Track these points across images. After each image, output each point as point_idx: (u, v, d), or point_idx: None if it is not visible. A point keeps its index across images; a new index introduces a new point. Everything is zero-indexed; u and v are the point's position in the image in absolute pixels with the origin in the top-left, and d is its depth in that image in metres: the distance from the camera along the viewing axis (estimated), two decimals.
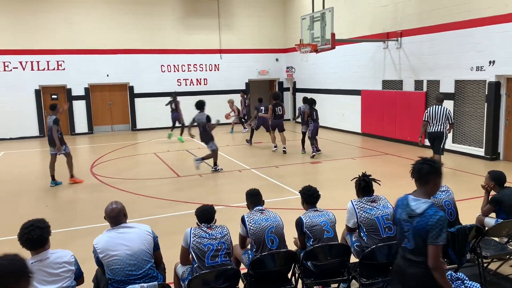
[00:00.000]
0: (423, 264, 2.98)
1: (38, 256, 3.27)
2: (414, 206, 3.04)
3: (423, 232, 2.95)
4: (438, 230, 2.90)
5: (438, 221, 2.91)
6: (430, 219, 2.92)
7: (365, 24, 15.07)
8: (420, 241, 2.98)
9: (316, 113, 12.18)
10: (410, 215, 3.04)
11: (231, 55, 20.28)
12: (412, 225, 3.01)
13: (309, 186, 4.44)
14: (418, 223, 2.97)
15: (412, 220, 3.01)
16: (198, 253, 3.76)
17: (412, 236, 3.02)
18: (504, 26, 10.25)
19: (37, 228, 3.30)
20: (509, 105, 10.71)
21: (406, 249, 3.10)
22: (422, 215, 2.96)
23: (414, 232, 3.00)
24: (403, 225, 3.10)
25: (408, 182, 5.29)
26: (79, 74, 18.08)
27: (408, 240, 3.06)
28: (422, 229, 2.95)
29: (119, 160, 12.73)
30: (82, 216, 7.64)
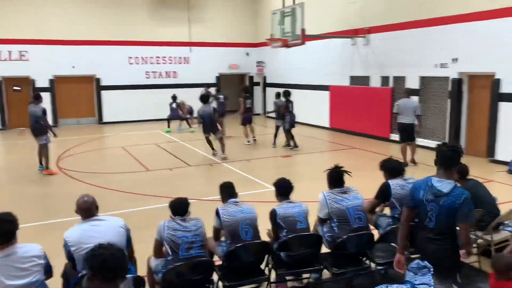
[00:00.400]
0: (441, 241, 3.26)
1: (4, 251, 3.19)
2: (440, 187, 3.26)
3: (451, 210, 3.19)
4: (467, 209, 3.19)
5: (466, 200, 3.18)
6: (458, 198, 3.18)
7: (334, 20, 15.29)
8: (444, 219, 3.22)
9: (292, 104, 12.34)
10: (436, 195, 3.25)
11: (201, 48, 20.11)
12: (438, 204, 3.23)
13: (283, 178, 4.52)
14: (445, 202, 3.21)
15: (439, 199, 3.23)
16: (172, 245, 3.76)
17: (436, 215, 3.25)
18: (466, 25, 10.63)
19: (5, 222, 3.22)
20: (470, 101, 11.14)
21: (427, 228, 3.33)
22: (449, 194, 3.21)
23: (440, 211, 3.23)
24: (426, 206, 3.30)
25: (375, 174, 5.47)
26: (44, 65, 17.49)
27: (430, 219, 3.29)
28: (449, 207, 3.19)
29: (86, 153, 12.46)
30: (48, 211, 7.46)
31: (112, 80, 18.71)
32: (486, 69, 10.35)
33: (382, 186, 4.75)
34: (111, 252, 2.50)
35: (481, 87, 10.79)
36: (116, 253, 2.51)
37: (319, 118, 16.66)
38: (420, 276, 3.97)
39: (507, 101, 9.94)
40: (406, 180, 4.74)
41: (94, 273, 2.48)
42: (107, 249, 2.51)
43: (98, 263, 2.46)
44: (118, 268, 2.49)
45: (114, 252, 2.51)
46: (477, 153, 10.90)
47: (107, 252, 2.49)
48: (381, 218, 4.84)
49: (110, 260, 2.46)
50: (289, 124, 12.26)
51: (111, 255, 2.48)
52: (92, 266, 2.48)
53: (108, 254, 2.48)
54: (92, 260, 2.48)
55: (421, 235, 3.41)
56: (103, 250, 2.51)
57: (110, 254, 2.49)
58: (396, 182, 4.69)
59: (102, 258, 2.46)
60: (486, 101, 10.56)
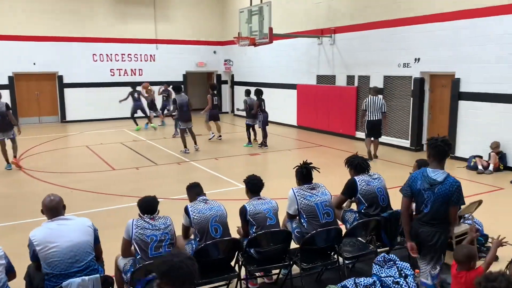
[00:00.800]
0: (434, 225, 3.68)
1: None
2: (435, 176, 3.66)
3: (445, 197, 3.61)
4: (458, 194, 3.63)
5: (458, 188, 3.64)
6: (451, 186, 3.61)
7: (301, 20, 15.44)
8: (438, 205, 3.63)
9: (264, 103, 12.42)
10: (431, 184, 3.65)
11: (168, 45, 19.85)
12: (434, 192, 3.63)
13: (254, 175, 4.54)
14: (440, 190, 3.62)
15: (434, 187, 3.64)
16: (141, 244, 3.71)
17: (432, 201, 3.65)
18: (428, 26, 10.98)
19: None
20: (432, 99, 11.52)
21: (421, 213, 3.72)
22: (443, 183, 3.63)
23: (435, 198, 3.63)
24: (423, 194, 3.69)
25: (341, 171, 5.58)
26: (2, 62, 16.81)
27: (426, 206, 3.68)
28: (444, 194, 3.61)
29: (49, 153, 12.08)
30: (8, 212, 7.18)
31: (75, 78, 18.19)
32: (446, 69, 10.72)
33: (348, 182, 4.86)
34: (180, 259, 2.40)
35: (442, 86, 11.18)
36: (186, 261, 2.40)
37: (286, 116, 16.79)
38: (386, 269, 4.10)
39: (466, 99, 10.34)
40: (371, 176, 4.87)
41: (162, 280, 2.38)
42: (177, 256, 2.42)
43: (167, 269, 2.36)
44: (187, 276, 2.38)
45: (183, 259, 2.40)
46: None
47: (176, 259, 2.39)
48: (348, 214, 4.94)
49: (179, 268, 2.36)
50: (262, 123, 12.35)
51: (180, 262, 2.38)
52: (162, 272, 2.37)
53: (178, 261, 2.37)
54: (162, 266, 2.38)
55: (416, 220, 3.80)
56: (173, 257, 2.41)
57: (179, 261, 2.38)
58: (362, 178, 4.80)
59: (173, 265, 2.37)
60: (446, 99, 10.95)
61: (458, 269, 3.47)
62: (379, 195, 4.74)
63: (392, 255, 4.14)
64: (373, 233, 4.63)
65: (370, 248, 4.59)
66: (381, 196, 4.76)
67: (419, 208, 3.76)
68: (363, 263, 4.95)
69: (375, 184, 4.79)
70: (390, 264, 4.08)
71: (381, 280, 3.92)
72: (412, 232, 3.85)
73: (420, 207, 3.75)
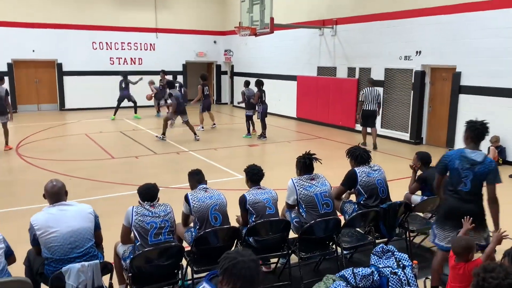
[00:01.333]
0: (475, 201, 3.96)
1: None
2: (474, 157, 3.93)
3: (483, 175, 3.90)
4: (496, 172, 3.92)
5: (496, 166, 3.95)
6: (490, 165, 3.92)
7: (303, 10, 15.35)
8: (477, 183, 3.92)
9: (264, 94, 12.37)
10: (472, 164, 3.92)
11: (168, 35, 19.74)
12: (473, 171, 3.90)
13: (254, 165, 4.54)
14: (480, 169, 3.89)
15: (474, 167, 3.91)
16: (140, 231, 3.72)
17: (471, 179, 3.92)
18: (430, 18, 10.93)
19: None
20: (432, 93, 11.51)
21: (461, 192, 3.97)
22: (482, 163, 3.91)
23: (474, 176, 3.90)
24: (461, 173, 3.95)
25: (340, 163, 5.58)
26: (1, 49, 16.69)
27: (465, 184, 3.94)
28: (483, 173, 3.89)
29: (48, 140, 12.06)
30: (8, 199, 7.19)
31: (74, 66, 18.08)
32: (448, 62, 10.70)
33: (348, 173, 4.86)
34: (244, 259, 2.24)
35: (443, 79, 11.16)
36: (250, 263, 2.24)
37: (286, 108, 16.76)
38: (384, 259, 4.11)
39: (467, 93, 10.33)
40: (371, 168, 4.87)
41: (223, 277, 2.25)
42: (242, 255, 2.26)
43: (228, 266, 2.23)
44: (248, 278, 2.22)
45: (247, 260, 2.24)
46: (438, 143, 11.30)
47: (241, 258, 2.24)
48: (347, 204, 4.95)
49: (242, 268, 2.21)
50: (261, 114, 12.31)
51: (244, 262, 2.22)
52: (223, 268, 2.24)
53: (241, 261, 2.22)
54: (224, 262, 2.25)
55: (454, 198, 4.02)
56: (238, 255, 2.26)
57: (243, 261, 2.23)
58: (362, 169, 4.80)
59: (236, 263, 2.22)
60: (447, 93, 10.94)
61: (456, 261, 3.48)
62: (379, 186, 4.75)
63: (391, 246, 4.16)
64: (372, 224, 4.65)
65: (368, 238, 4.61)
66: (380, 188, 4.76)
67: (456, 186, 3.99)
68: (361, 254, 4.98)
69: (375, 176, 4.80)
70: (388, 255, 4.09)
71: (379, 270, 3.93)
72: (445, 207, 4.09)
73: (456, 185, 3.98)
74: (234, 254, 2.28)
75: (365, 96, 10.88)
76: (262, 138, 12.44)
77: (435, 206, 5.01)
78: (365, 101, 10.88)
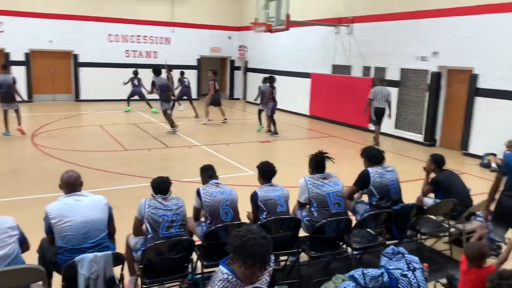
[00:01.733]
0: None
1: None
2: None
3: None
4: None
5: None
6: None
7: (319, 8, 15.26)
8: None
9: (275, 91, 12.37)
10: None
11: (184, 29, 19.78)
12: None
13: (267, 161, 4.54)
14: None
15: None
16: (152, 224, 3.75)
17: None
18: (448, 19, 10.79)
19: None
20: (448, 95, 11.37)
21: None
22: None
23: None
24: None
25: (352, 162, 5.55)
26: (19, 38, 16.91)
27: None
28: None
29: (62, 130, 12.20)
30: (23, 187, 7.30)
31: (90, 57, 18.25)
32: (464, 64, 10.56)
33: (362, 173, 4.83)
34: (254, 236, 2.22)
35: (459, 81, 11.02)
36: (260, 240, 2.21)
37: (299, 105, 16.71)
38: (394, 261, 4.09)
39: (484, 96, 10.18)
40: (385, 168, 4.84)
41: (234, 255, 2.25)
42: (252, 232, 2.24)
43: (239, 243, 2.22)
44: (259, 255, 2.20)
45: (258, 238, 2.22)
46: (452, 146, 11.18)
47: (251, 235, 2.22)
48: (359, 205, 4.94)
49: (252, 245, 2.19)
50: (270, 110, 12.30)
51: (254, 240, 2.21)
52: (233, 246, 2.24)
53: (251, 238, 2.21)
54: (234, 240, 2.25)
55: (508, 196, 4.17)
56: (248, 232, 2.24)
57: (253, 238, 2.21)
58: (376, 170, 4.77)
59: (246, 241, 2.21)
60: (463, 95, 10.80)
61: (468, 266, 3.45)
62: (391, 188, 4.72)
63: (401, 247, 4.14)
64: (383, 225, 4.62)
65: (379, 240, 4.58)
66: (393, 189, 4.74)
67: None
68: (371, 255, 4.96)
69: (388, 177, 4.77)
70: (399, 257, 4.07)
71: (389, 272, 3.91)
72: (502, 207, 4.22)
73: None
74: (244, 232, 2.26)
75: (375, 94, 11.11)
76: (273, 134, 12.42)
77: (447, 209, 4.97)
78: (374, 99, 11.13)
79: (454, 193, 5.02)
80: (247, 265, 2.21)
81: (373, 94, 11.19)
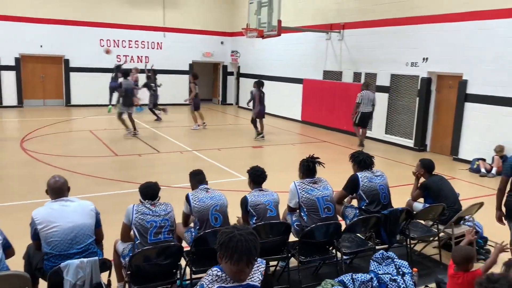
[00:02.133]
0: None
1: None
2: None
3: None
4: None
5: None
6: None
7: (310, 14, 15.35)
8: None
9: (263, 95, 12.38)
10: None
11: (175, 34, 19.78)
12: None
13: (257, 166, 4.54)
14: None
15: None
16: (140, 229, 3.72)
17: None
18: (438, 25, 10.89)
19: None
20: (438, 100, 11.46)
21: None
22: None
23: None
24: None
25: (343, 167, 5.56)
26: (10, 43, 16.80)
27: None
28: None
29: (52, 136, 12.11)
30: (10, 192, 7.21)
31: (81, 62, 18.17)
32: (454, 70, 10.65)
33: (351, 178, 4.85)
34: (241, 232, 2.25)
35: (449, 87, 11.11)
36: (247, 236, 2.25)
37: (291, 110, 16.74)
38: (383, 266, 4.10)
39: (473, 101, 10.27)
40: (374, 173, 4.86)
41: (220, 252, 2.26)
42: (239, 229, 2.28)
43: (225, 240, 2.23)
44: (245, 251, 2.21)
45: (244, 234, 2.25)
46: (442, 151, 11.25)
47: (237, 232, 2.25)
48: (349, 209, 4.94)
49: (238, 240, 2.21)
50: (256, 114, 12.32)
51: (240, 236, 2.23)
52: (220, 243, 2.25)
53: (238, 234, 2.24)
54: (221, 237, 2.26)
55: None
56: (235, 229, 2.27)
57: (239, 234, 2.24)
58: (364, 174, 4.79)
59: (232, 237, 2.23)
60: (453, 101, 10.89)
61: (455, 270, 3.46)
62: (380, 192, 4.74)
63: (391, 252, 4.14)
64: (373, 230, 4.63)
65: (369, 244, 4.59)
66: (382, 194, 4.75)
67: None
68: (361, 259, 4.96)
69: (377, 181, 4.78)
70: (388, 262, 4.08)
71: (378, 277, 3.92)
72: (508, 206, 4.42)
73: None
74: (230, 229, 2.30)
75: (363, 98, 11.51)
76: (258, 137, 12.42)
77: (437, 214, 4.99)
78: (361, 103, 11.53)
79: (443, 197, 5.05)
80: (233, 261, 2.22)
81: (360, 98, 11.55)
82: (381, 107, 12.72)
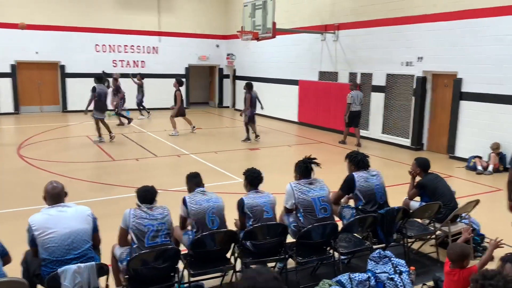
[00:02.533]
0: None
1: None
2: None
3: None
4: None
5: None
6: None
7: (305, 15, 15.39)
8: None
9: (254, 97, 12.36)
10: None
11: (171, 38, 19.79)
12: None
13: (253, 168, 4.55)
14: None
15: None
16: (137, 233, 3.73)
17: None
18: (432, 24, 10.94)
19: None
20: (434, 99, 11.50)
21: None
22: None
23: None
24: None
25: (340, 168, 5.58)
26: (5, 50, 16.78)
27: None
28: None
29: (49, 142, 12.10)
30: (7, 199, 7.21)
31: (77, 68, 18.16)
32: (449, 69, 10.70)
33: (347, 178, 4.87)
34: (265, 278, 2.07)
35: (444, 85, 11.15)
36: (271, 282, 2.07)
37: (287, 112, 16.77)
38: (381, 265, 4.11)
39: (468, 100, 10.32)
40: (369, 173, 4.88)
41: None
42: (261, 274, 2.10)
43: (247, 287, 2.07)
44: None
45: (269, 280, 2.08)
46: (438, 150, 11.29)
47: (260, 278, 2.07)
48: (345, 209, 4.96)
49: None
50: (248, 117, 12.33)
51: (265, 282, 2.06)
52: None
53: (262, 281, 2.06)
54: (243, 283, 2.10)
55: None
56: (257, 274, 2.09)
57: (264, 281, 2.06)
58: (360, 174, 4.81)
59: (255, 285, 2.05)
60: (448, 99, 10.93)
61: (451, 267, 3.48)
62: (377, 192, 4.76)
63: (388, 251, 4.16)
64: (370, 229, 4.64)
65: (366, 244, 4.60)
66: (379, 193, 4.77)
67: None
68: (358, 259, 4.98)
69: (373, 181, 4.80)
70: (385, 260, 4.10)
71: (376, 276, 3.94)
72: None
73: None
74: (254, 273, 2.12)
75: (354, 98, 11.80)
76: (247, 141, 12.43)
77: (433, 212, 5.01)
78: (353, 103, 11.83)
79: (439, 195, 5.07)
80: None
81: (352, 98, 11.84)
82: (377, 106, 12.78)
